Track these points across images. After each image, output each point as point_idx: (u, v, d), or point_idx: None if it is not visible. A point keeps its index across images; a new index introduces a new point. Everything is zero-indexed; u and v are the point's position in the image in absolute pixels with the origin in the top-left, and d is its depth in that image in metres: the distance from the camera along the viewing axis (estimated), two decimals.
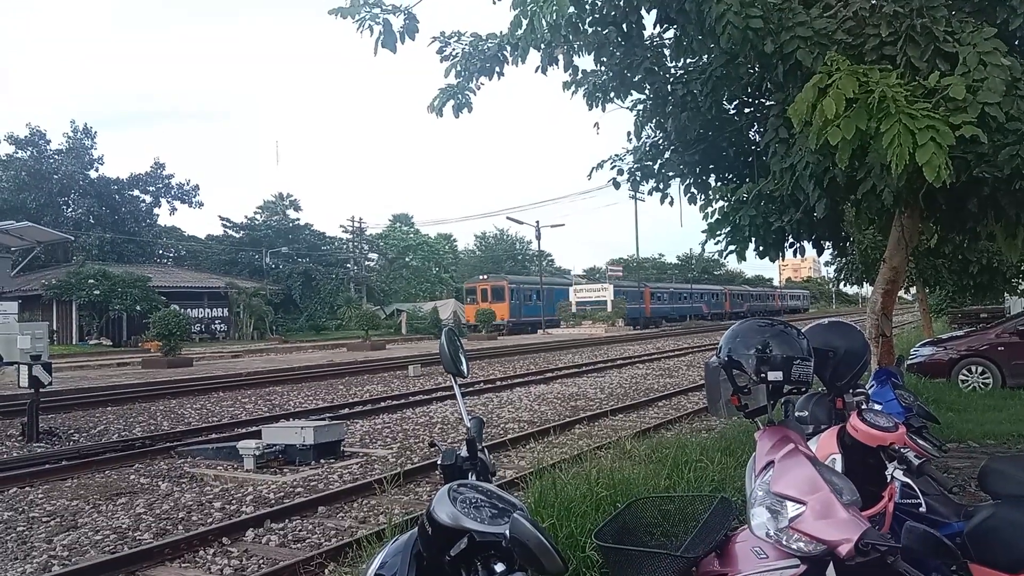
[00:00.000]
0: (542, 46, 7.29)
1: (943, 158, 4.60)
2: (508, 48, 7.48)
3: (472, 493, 1.81)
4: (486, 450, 2.21)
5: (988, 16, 5.69)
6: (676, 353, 30.51)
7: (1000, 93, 4.96)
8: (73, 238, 41.12)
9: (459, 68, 7.67)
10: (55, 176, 47.22)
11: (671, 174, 8.80)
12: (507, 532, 1.59)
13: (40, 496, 8.69)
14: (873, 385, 4.49)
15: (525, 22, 6.02)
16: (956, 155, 4.85)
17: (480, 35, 7.81)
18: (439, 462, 2.11)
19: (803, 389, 2.52)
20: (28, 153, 47.79)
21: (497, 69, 7.70)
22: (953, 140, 4.67)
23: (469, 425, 2.23)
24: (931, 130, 4.63)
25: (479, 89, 7.84)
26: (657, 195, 9.02)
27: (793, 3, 5.77)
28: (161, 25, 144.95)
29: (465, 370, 2.38)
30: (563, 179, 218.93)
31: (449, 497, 1.74)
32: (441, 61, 7.80)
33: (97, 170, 50.08)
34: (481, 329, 48.82)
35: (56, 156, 48.71)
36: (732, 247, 7.76)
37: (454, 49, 7.79)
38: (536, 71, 7.70)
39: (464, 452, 2.13)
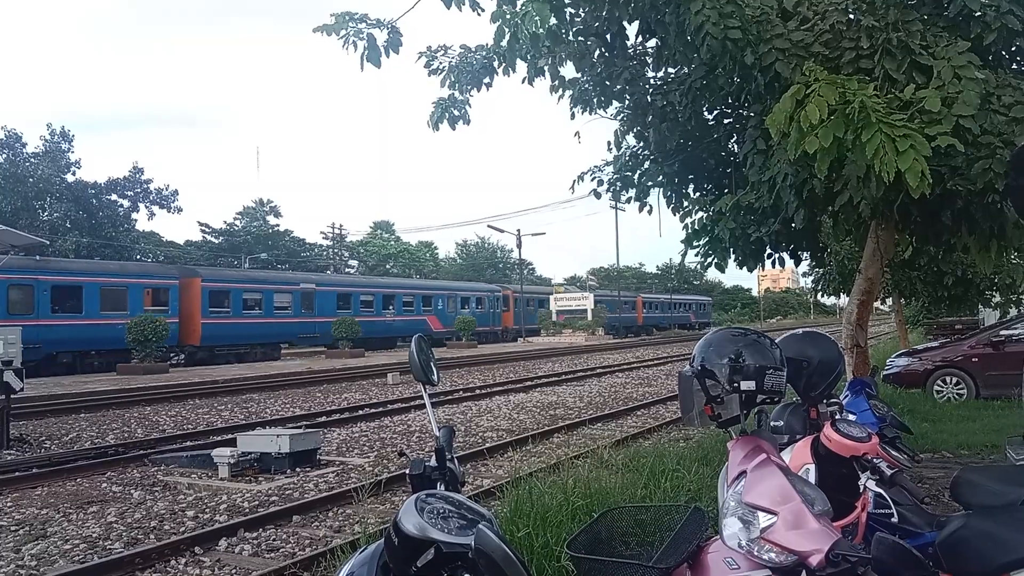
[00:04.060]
0: (528, 56, 7.34)
1: (923, 165, 4.64)
2: (496, 59, 7.53)
3: (440, 503, 1.78)
4: (456, 460, 2.18)
5: (962, 31, 5.77)
6: (656, 362, 30.63)
7: (974, 106, 5.02)
8: (49, 242, 40.40)
9: (452, 79, 7.72)
10: (31, 179, 46.47)
11: (650, 184, 8.84)
12: (472, 543, 1.56)
13: (9, 504, 8.53)
14: (847, 395, 4.51)
15: (508, 32, 6.03)
16: (931, 168, 4.89)
17: (469, 47, 7.85)
18: (407, 472, 2.08)
19: (776, 399, 2.51)
20: (3, 156, 47.11)
21: (486, 80, 7.75)
22: (929, 151, 4.72)
23: (438, 434, 2.21)
24: (909, 138, 4.68)
25: (470, 99, 7.91)
26: (637, 204, 9.07)
27: (771, 15, 5.82)
28: (142, 28, 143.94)
29: (435, 378, 2.36)
30: (545, 188, 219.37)
31: (416, 507, 1.71)
32: (429, 75, 7.84)
33: (74, 174, 49.45)
34: None
35: (32, 159, 48.02)
36: (712, 258, 7.80)
37: (441, 63, 7.83)
38: (523, 82, 7.76)
39: (433, 462, 2.10)
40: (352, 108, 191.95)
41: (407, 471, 2.09)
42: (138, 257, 52.60)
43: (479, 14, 7.02)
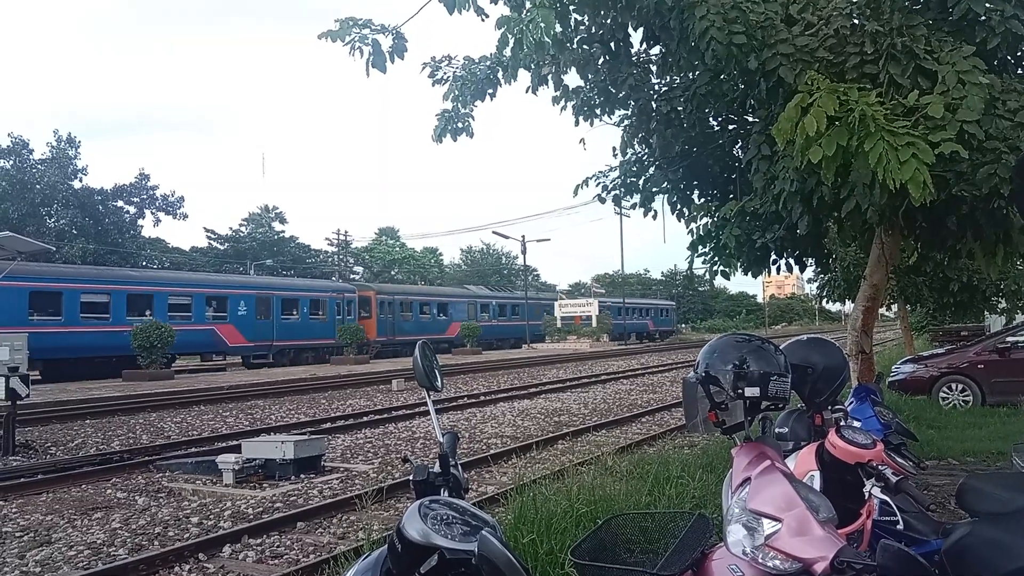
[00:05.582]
0: (532, 66, 7.36)
1: (925, 174, 4.64)
2: (500, 69, 7.55)
3: (444, 510, 1.78)
4: (460, 466, 2.18)
5: (967, 36, 5.75)
6: (661, 369, 30.59)
7: (979, 111, 5.01)
8: (55, 249, 40.65)
9: (456, 92, 7.74)
10: (37, 186, 46.64)
11: (655, 190, 8.83)
12: (476, 549, 1.56)
13: (14, 511, 8.54)
14: (852, 402, 4.50)
15: (512, 39, 6.04)
16: (935, 173, 4.88)
17: (472, 58, 7.87)
18: (411, 478, 2.08)
19: (781, 405, 2.50)
20: (10, 163, 47.29)
21: (490, 91, 7.77)
22: (933, 158, 4.71)
23: (442, 440, 2.21)
24: (912, 147, 4.67)
25: (474, 110, 7.93)
26: (642, 210, 9.07)
27: (775, 21, 5.83)
28: (142, 28, 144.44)
29: (439, 384, 2.36)
30: (549, 194, 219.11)
31: (420, 513, 1.71)
32: (433, 85, 7.86)
33: (81, 180, 49.59)
34: None
35: (39, 166, 48.19)
36: (717, 265, 7.78)
37: (446, 73, 7.85)
38: (527, 91, 7.78)
39: (437, 468, 2.10)
40: (356, 112, 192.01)
41: (411, 477, 2.09)
42: (144, 264, 52.71)
43: (483, 20, 7.05)
